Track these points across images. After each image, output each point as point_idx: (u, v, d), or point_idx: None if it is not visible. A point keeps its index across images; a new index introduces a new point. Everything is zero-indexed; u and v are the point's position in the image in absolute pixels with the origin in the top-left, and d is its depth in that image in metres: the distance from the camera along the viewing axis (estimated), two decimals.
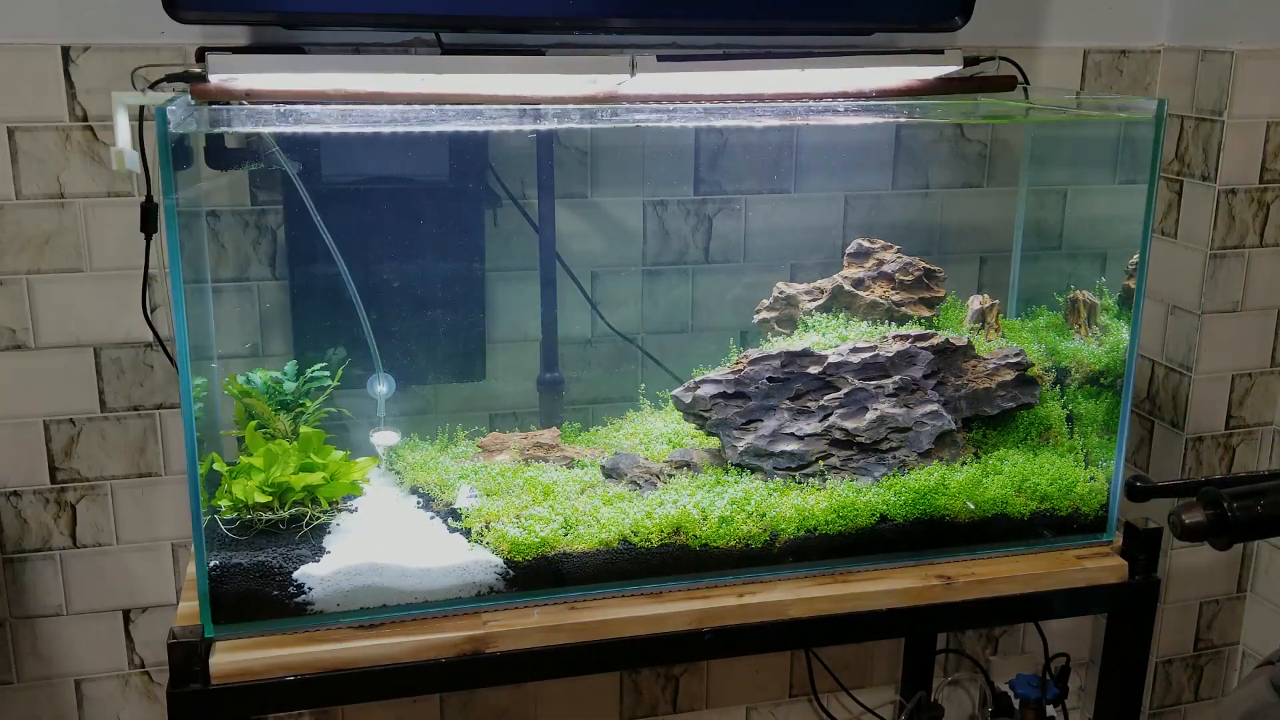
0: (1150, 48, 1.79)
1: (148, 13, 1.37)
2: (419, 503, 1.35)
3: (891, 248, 1.53)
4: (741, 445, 1.34)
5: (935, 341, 1.38)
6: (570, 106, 1.32)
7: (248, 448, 1.31)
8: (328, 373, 1.40)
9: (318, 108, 1.19)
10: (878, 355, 1.36)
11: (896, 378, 1.36)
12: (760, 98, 1.38)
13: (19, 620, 1.59)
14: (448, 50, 1.43)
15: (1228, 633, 2.02)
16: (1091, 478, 1.41)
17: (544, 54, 1.44)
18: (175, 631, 1.13)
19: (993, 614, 1.50)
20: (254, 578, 1.18)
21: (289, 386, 1.38)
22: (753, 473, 1.34)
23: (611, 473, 1.34)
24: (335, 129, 1.25)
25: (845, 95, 1.41)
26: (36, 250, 1.47)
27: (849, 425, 1.34)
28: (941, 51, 1.57)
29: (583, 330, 1.63)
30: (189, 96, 1.20)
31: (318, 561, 1.21)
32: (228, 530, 1.24)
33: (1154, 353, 1.88)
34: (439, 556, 1.23)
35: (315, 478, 1.26)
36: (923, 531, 1.34)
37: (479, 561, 1.23)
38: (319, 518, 1.27)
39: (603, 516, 1.27)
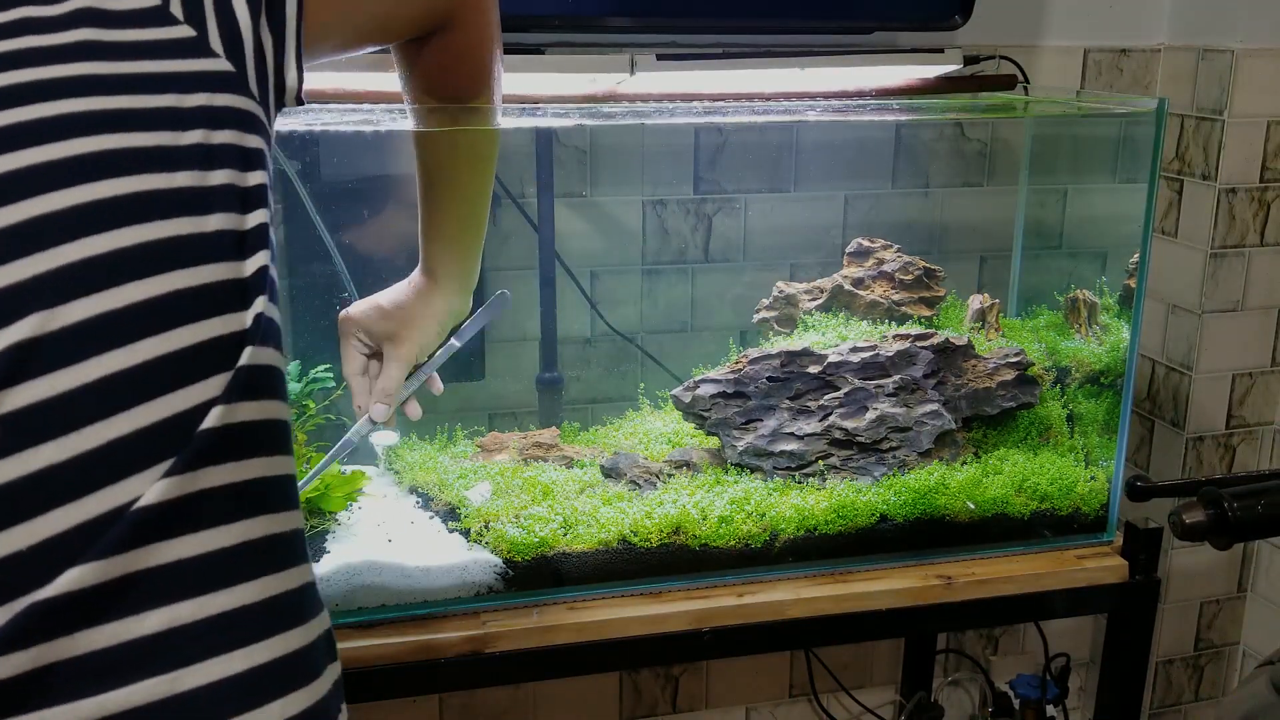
0: (1150, 46, 1.79)
1: None
2: (418, 502, 1.35)
3: (891, 247, 1.53)
4: (741, 445, 1.33)
5: (935, 341, 1.38)
6: (570, 105, 1.32)
7: None
8: (331, 374, 1.39)
9: (317, 106, 1.18)
10: (878, 355, 1.36)
11: (896, 377, 1.36)
12: (760, 96, 1.38)
13: None
14: None
15: (1228, 633, 2.01)
16: (1092, 477, 1.40)
17: (543, 53, 1.43)
18: None
19: (993, 614, 1.50)
20: None
21: (293, 388, 1.38)
22: (752, 472, 1.34)
23: (611, 472, 1.34)
24: (334, 128, 1.25)
25: (845, 94, 1.41)
26: None
27: (849, 425, 1.34)
28: (941, 50, 1.56)
29: (582, 330, 1.63)
30: None
31: (316, 561, 1.21)
32: None
33: (1154, 352, 1.88)
34: (438, 556, 1.23)
35: (310, 489, 1.26)
36: (923, 531, 1.34)
37: (478, 561, 1.23)
38: (320, 525, 1.27)
39: (602, 516, 1.26)
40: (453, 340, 1.14)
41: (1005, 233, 1.73)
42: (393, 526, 1.29)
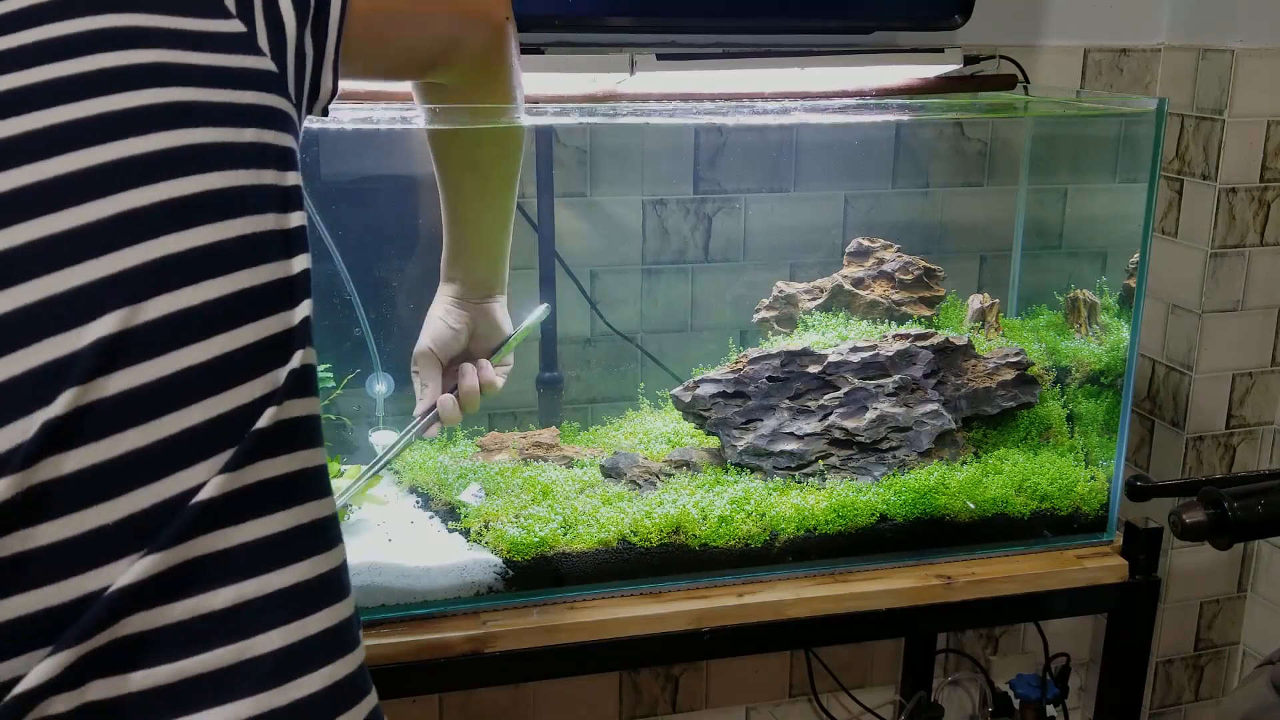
0: (1150, 46, 1.79)
1: None
2: (418, 502, 1.35)
3: (891, 247, 1.53)
4: (741, 445, 1.33)
5: (935, 341, 1.38)
6: (570, 105, 1.32)
7: None
8: (331, 374, 1.39)
9: None
10: (878, 354, 1.36)
11: (896, 377, 1.36)
12: (760, 96, 1.38)
13: None
14: None
15: (1228, 633, 2.01)
16: (1092, 477, 1.40)
17: (543, 53, 1.43)
18: None
19: (993, 614, 1.50)
20: None
21: None
22: (752, 472, 1.34)
23: (611, 472, 1.34)
24: (334, 126, 1.25)
25: (845, 94, 1.41)
26: None
27: (849, 425, 1.34)
28: (941, 50, 1.56)
29: (582, 329, 1.63)
30: None
31: None
32: None
33: (1154, 352, 1.88)
34: (438, 556, 1.23)
35: None
36: (923, 531, 1.34)
37: (478, 561, 1.23)
38: None
39: (602, 516, 1.26)
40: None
41: (1005, 233, 1.73)
42: (393, 526, 1.29)
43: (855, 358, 1.36)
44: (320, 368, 1.41)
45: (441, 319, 1.14)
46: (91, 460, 0.57)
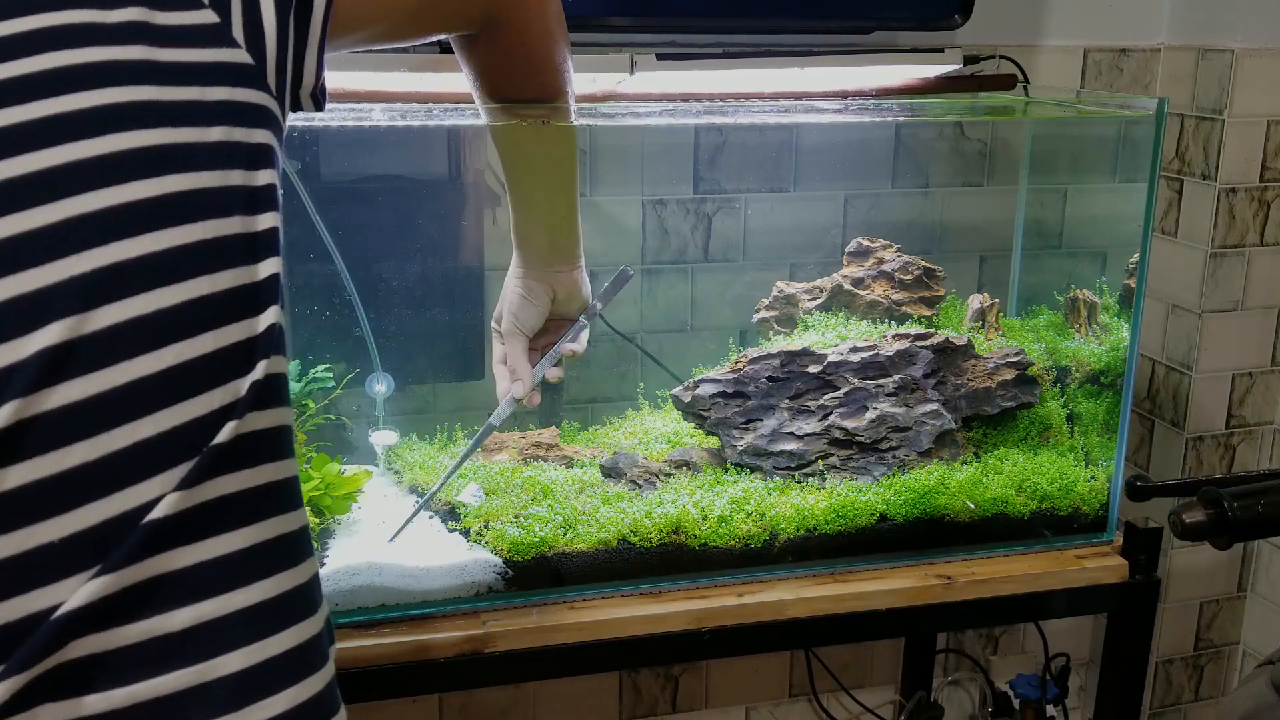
0: (1150, 46, 1.79)
1: None
2: (418, 502, 1.35)
3: (891, 246, 1.53)
4: (741, 445, 1.33)
5: (935, 341, 1.38)
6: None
7: None
8: (330, 374, 1.39)
9: None
10: (877, 354, 1.36)
11: (896, 377, 1.36)
12: (760, 96, 1.38)
13: None
14: (447, 49, 1.43)
15: (1228, 633, 2.01)
16: (1092, 477, 1.40)
17: None
18: None
19: (993, 614, 1.50)
20: None
21: (294, 387, 1.37)
22: (752, 472, 1.34)
23: (610, 472, 1.34)
24: (334, 124, 1.25)
25: (845, 94, 1.41)
26: None
27: (849, 424, 1.34)
28: (941, 50, 1.56)
29: None
30: None
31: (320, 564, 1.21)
32: None
33: (1154, 352, 1.88)
34: (438, 556, 1.23)
35: (310, 487, 1.26)
36: (923, 531, 1.34)
37: (478, 561, 1.23)
38: (320, 525, 1.27)
39: (602, 516, 1.26)
40: (582, 319, 1.20)
41: (1005, 233, 1.73)
42: (393, 526, 1.29)
43: (855, 358, 1.36)
44: (320, 368, 1.42)
45: (518, 291, 1.11)
46: (35, 475, 0.55)
